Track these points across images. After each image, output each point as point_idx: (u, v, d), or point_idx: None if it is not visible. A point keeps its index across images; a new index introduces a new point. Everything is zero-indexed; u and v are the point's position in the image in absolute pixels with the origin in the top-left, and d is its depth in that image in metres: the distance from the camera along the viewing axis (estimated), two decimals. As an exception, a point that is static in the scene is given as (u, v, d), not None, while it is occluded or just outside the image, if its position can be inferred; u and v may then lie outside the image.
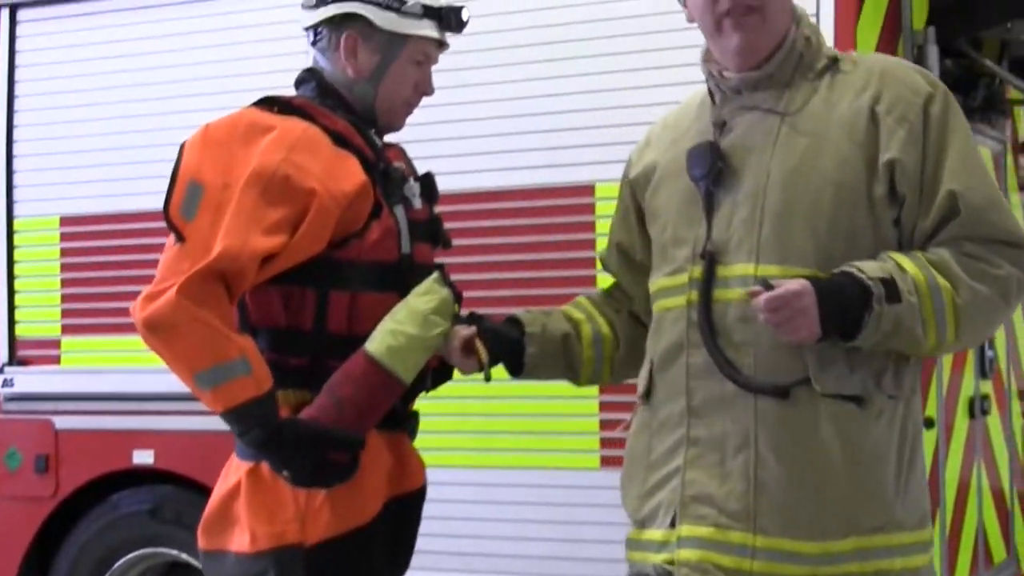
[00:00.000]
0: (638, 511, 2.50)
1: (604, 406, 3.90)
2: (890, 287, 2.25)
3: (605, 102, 3.86)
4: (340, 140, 2.61)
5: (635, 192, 2.65)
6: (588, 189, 3.89)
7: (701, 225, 2.41)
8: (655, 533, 2.44)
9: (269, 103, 2.65)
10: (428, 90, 2.78)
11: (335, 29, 2.70)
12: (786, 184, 2.35)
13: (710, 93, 2.53)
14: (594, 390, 3.88)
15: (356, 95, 2.72)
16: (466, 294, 2.74)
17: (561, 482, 3.93)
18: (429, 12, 2.71)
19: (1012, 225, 2.36)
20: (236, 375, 2.45)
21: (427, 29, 2.71)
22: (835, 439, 2.30)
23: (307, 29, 2.76)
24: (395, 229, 2.64)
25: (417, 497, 2.76)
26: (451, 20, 2.74)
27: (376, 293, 2.61)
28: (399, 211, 2.65)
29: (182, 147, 2.60)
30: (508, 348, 2.65)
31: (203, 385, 2.46)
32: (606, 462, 3.88)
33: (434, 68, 2.78)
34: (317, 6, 2.72)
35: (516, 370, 2.69)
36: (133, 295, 2.56)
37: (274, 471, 2.54)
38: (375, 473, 2.62)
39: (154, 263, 2.56)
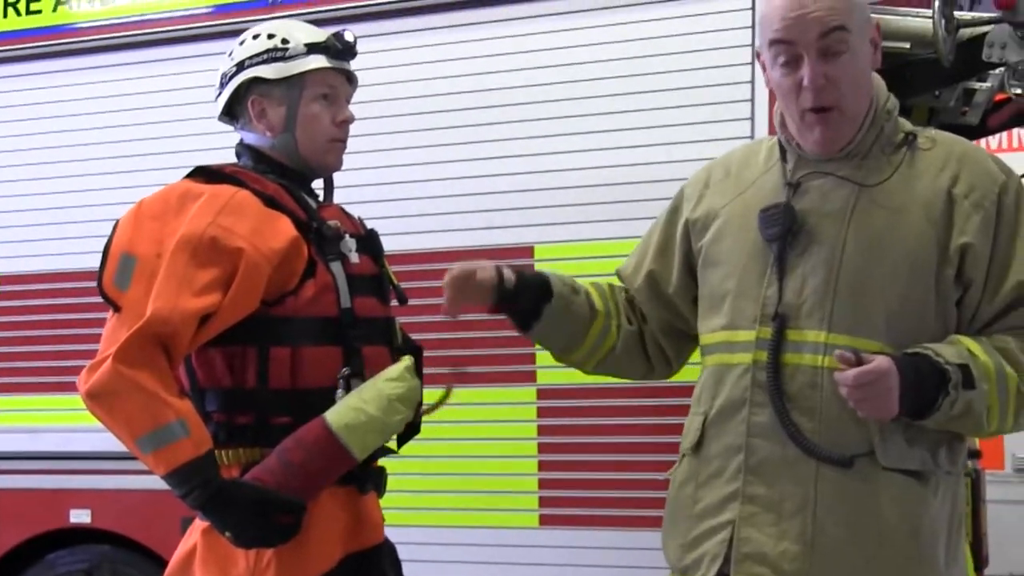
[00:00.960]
0: (680, 560, 2.53)
1: (543, 465, 3.91)
2: (966, 373, 2.29)
3: (544, 165, 3.90)
4: (271, 202, 2.67)
5: (689, 231, 2.65)
6: (527, 250, 3.93)
7: (771, 285, 2.43)
8: None
9: (201, 173, 2.72)
10: (348, 118, 2.82)
11: (241, 103, 2.80)
12: (862, 256, 2.37)
13: (781, 150, 2.54)
14: (533, 449, 3.90)
15: (282, 151, 2.78)
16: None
17: (501, 541, 3.93)
18: (313, 47, 2.79)
19: None
20: (175, 438, 2.48)
21: (316, 62, 2.77)
22: (896, 512, 2.35)
23: (222, 119, 2.87)
24: (332, 284, 2.67)
25: (377, 552, 2.77)
26: (336, 47, 2.81)
27: (317, 347, 2.65)
28: (336, 267, 2.69)
29: (116, 223, 2.66)
30: (526, 308, 2.70)
31: (144, 449, 2.50)
32: (545, 520, 3.90)
33: (378, 131, 2.83)
34: (219, 95, 2.83)
35: (522, 327, 2.74)
36: (70, 354, 2.59)
37: (217, 531, 2.55)
38: (328, 529, 2.63)
39: (91, 322, 2.59)
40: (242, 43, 2.81)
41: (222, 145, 2.99)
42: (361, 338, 2.67)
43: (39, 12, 4.71)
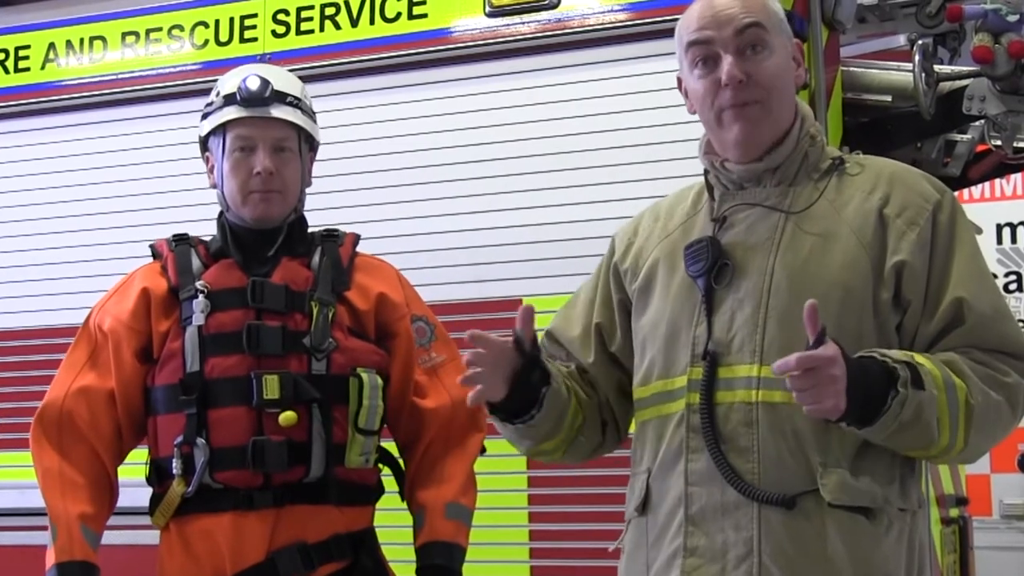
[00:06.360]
0: None
1: (534, 516, 3.92)
2: (915, 372, 2.15)
3: (533, 219, 3.95)
4: (164, 271, 2.79)
5: (620, 279, 2.53)
6: (516, 303, 3.95)
7: (700, 324, 2.32)
8: None
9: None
10: (265, 168, 2.72)
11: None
12: (791, 284, 2.27)
13: (708, 187, 2.46)
14: (524, 500, 3.90)
15: (223, 206, 2.83)
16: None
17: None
18: (228, 99, 2.77)
19: (1018, 335, 2.29)
20: (50, 542, 2.70)
21: (228, 114, 2.76)
22: (844, 553, 2.20)
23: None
24: (180, 349, 2.70)
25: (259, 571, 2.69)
26: (243, 94, 2.75)
27: (166, 415, 2.72)
28: (190, 330, 2.69)
29: None
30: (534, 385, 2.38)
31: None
32: (537, 573, 3.89)
33: (364, 187, 2.83)
34: None
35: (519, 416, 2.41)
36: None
37: None
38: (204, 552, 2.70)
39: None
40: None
41: (212, 200, 3.01)
42: (207, 401, 2.67)
43: (27, 69, 4.74)
